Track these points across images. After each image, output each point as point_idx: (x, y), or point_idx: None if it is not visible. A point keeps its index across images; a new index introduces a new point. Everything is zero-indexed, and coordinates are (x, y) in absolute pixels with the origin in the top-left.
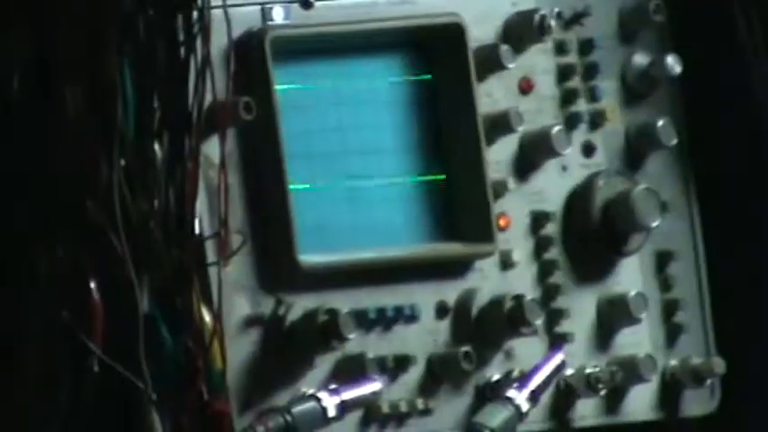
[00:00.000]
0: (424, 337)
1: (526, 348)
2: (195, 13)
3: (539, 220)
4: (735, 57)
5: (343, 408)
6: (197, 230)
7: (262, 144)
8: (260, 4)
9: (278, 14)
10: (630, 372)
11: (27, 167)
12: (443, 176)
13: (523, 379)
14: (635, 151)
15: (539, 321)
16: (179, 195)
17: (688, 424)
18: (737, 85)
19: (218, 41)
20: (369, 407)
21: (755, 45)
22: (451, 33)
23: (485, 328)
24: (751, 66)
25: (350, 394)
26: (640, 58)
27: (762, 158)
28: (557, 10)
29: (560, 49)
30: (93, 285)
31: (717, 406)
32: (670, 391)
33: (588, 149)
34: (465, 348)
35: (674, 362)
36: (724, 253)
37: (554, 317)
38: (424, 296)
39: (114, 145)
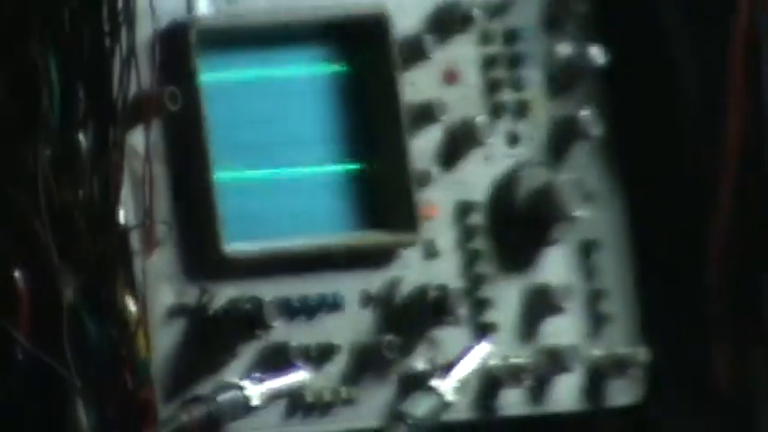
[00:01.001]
0: (348, 326)
1: (451, 338)
2: (120, 3)
3: (463, 209)
4: (659, 47)
5: (268, 397)
6: (122, 220)
7: (187, 134)
8: None
9: (203, 5)
10: (555, 362)
11: None
12: (368, 166)
13: (448, 368)
14: (559, 141)
15: (463, 311)
16: (104, 185)
17: (613, 414)
18: (661, 74)
19: (144, 31)
20: (293, 396)
21: (679, 35)
22: (375, 23)
23: (409, 317)
24: (675, 55)
25: (274, 383)
26: (565, 49)
27: (685, 147)
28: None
29: (485, 38)
30: (17, 274)
31: (642, 396)
32: (595, 380)
33: (513, 139)
34: (389, 337)
35: (599, 351)
36: (649, 242)
37: (479, 306)
38: (349, 285)
39: (39, 134)
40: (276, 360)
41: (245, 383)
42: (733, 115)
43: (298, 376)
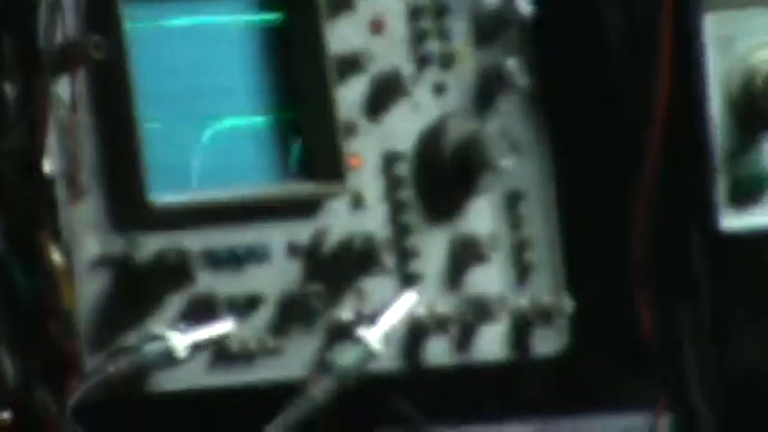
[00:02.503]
0: (274, 277)
1: (377, 288)
2: None
3: (390, 159)
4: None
5: (193, 347)
6: (48, 169)
7: (113, 83)
8: None
9: None
10: (481, 311)
11: None
12: (295, 116)
13: (374, 318)
14: (486, 91)
15: (389, 261)
16: (30, 134)
17: (536, 363)
18: (588, 24)
19: None
20: (219, 346)
21: None
22: None
23: (336, 267)
24: (600, 4)
25: (199, 334)
26: None
27: (611, 96)
28: None
29: None
30: None
31: (566, 345)
32: (520, 330)
33: (439, 89)
34: (316, 288)
35: (524, 301)
36: (575, 192)
37: (405, 256)
38: (276, 236)
39: None
40: (202, 311)
41: (171, 334)
42: (661, 71)
43: (223, 327)
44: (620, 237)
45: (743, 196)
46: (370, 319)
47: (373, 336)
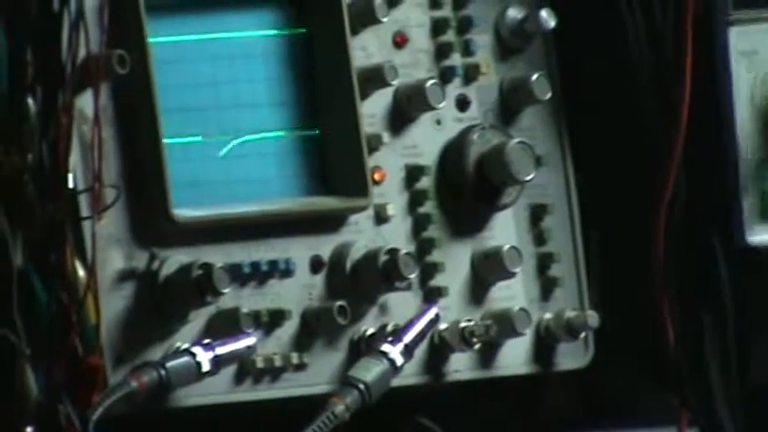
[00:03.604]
0: (298, 292)
1: (400, 302)
2: None
3: (413, 173)
4: (608, 11)
5: (218, 362)
6: (71, 185)
7: (136, 98)
8: None
9: None
10: (504, 325)
11: None
12: (318, 130)
13: (398, 333)
14: (509, 105)
15: (413, 275)
16: (53, 149)
17: (560, 377)
18: (611, 38)
19: None
20: (243, 361)
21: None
22: None
23: (359, 282)
24: (624, 18)
25: (224, 349)
26: (514, 12)
27: (635, 111)
28: None
29: (435, 2)
30: None
31: (590, 360)
32: (544, 344)
33: (462, 103)
34: (339, 303)
35: (548, 315)
36: (597, 207)
37: (428, 271)
38: (299, 250)
39: None
40: (227, 326)
41: (196, 349)
42: (684, 83)
43: (247, 342)
44: (644, 250)
45: None
46: (394, 333)
47: (396, 350)
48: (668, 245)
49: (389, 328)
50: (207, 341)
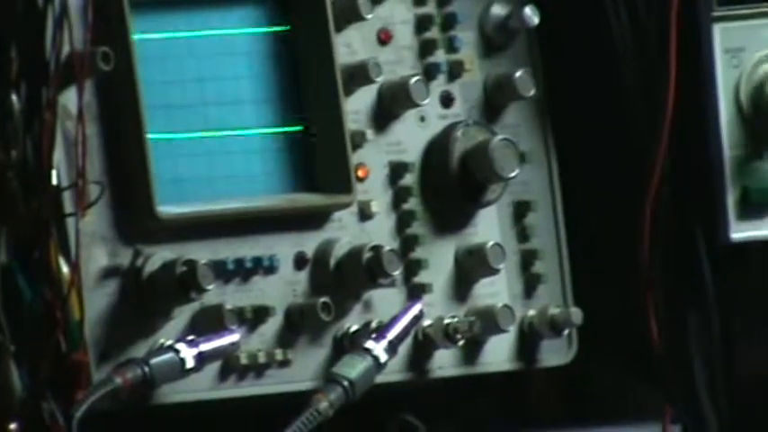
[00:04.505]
0: (282, 288)
1: (384, 299)
2: None
3: (397, 170)
4: (593, 7)
5: (202, 359)
6: (55, 181)
7: (120, 94)
8: None
9: None
10: (488, 322)
11: None
12: (302, 127)
13: (382, 330)
14: (493, 102)
15: (397, 272)
16: (37, 146)
17: (545, 374)
18: (596, 35)
19: None
20: (227, 358)
21: None
22: None
23: (343, 278)
24: (608, 15)
25: (208, 345)
26: (498, 9)
27: (620, 108)
28: None
29: None
30: None
31: (573, 355)
32: (528, 341)
33: (446, 100)
34: (323, 299)
35: (531, 312)
36: (581, 204)
37: (412, 267)
38: (283, 247)
39: None
40: (211, 322)
41: (180, 346)
42: (669, 79)
43: (231, 338)
44: (628, 246)
45: (752, 207)
46: (378, 330)
47: (380, 347)
48: (653, 242)
49: (373, 324)
50: (191, 338)
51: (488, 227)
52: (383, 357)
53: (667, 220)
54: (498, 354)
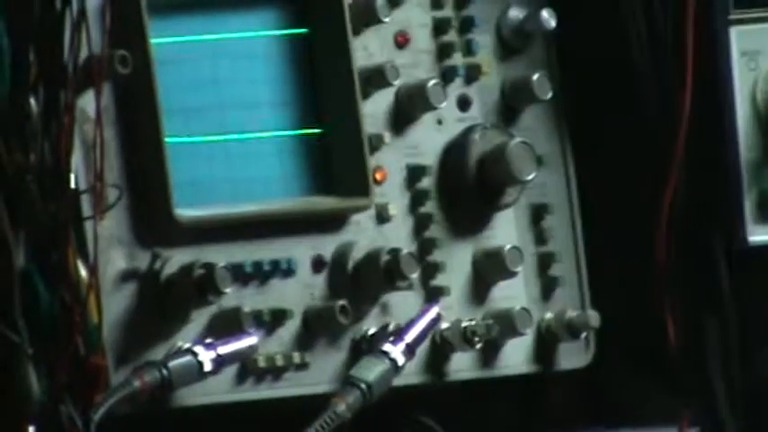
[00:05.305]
0: (300, 291)
1: (402, 302)
2: None
3: (415, 173)
4: (609, 10)
5: (220, 362)
6: (73, 184)
7: (138, 98)
8: None
9: None
10: (506, 325)
11: None
12: (320, 130)
13: (399, 332)
14: (510, 105)
15: (414, 275)
16: (55, 149)
17: (562, 377)
18: (612, 38)
19: None
20: (245, 361)
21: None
22: None
23: (361, 281)
24: (625, 19)
25: (226, 348)
26: (516, 13)
27: (636, 111)
28: None
29: (436, 2)
30: None
31: (591, 359)
32: (545, 344)
33: (464, 103)
34: (341, 302)
35: (549, 315)
36: (598, 206)
37: (430, 270)
38: (301, 250)
39: None
40: (229, 325)
41: (198, 349)
42: (686, 82)
43: (250, 341)
44: (646, 249)
45: None
46: (395, 333)
47: (398, 350)
48: (670, 245)
49: (391, 327)
50: (209, 341)
51: (506, 230)
52: (401, 360)
53: (684, 224)
54: (516, 357)
